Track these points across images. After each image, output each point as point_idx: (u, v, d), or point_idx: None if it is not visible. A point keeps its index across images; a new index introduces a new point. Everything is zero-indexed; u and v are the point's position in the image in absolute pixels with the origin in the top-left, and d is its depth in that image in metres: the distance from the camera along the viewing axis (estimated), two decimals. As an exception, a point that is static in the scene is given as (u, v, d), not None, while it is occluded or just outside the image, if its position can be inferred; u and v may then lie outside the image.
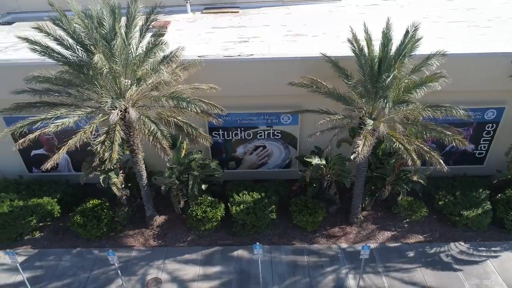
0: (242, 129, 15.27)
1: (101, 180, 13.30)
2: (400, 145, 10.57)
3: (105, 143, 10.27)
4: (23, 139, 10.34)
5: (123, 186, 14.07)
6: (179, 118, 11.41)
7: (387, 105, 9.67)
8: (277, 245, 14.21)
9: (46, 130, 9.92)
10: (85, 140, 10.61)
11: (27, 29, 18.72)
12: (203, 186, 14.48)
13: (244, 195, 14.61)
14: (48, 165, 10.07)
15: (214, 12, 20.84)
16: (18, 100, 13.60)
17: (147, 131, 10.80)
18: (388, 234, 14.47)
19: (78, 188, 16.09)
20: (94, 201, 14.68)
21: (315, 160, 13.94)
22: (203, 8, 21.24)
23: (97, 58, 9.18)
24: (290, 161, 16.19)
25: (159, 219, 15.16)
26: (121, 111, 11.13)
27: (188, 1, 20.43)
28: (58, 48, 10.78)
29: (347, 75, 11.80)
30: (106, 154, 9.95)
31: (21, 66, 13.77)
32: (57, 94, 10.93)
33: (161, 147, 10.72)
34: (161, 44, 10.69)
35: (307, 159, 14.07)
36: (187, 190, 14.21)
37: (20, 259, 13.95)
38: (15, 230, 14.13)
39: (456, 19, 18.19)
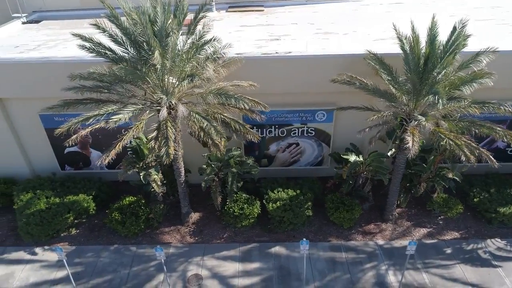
0: (276, 126, 15.33)
1: (141, 177, 13.36)
2: (450, 141, 10.62)
3: (159, 139, 10.31)
4: (76, 135, 10.40)
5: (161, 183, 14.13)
6: (226, 114, 11.46)
7: (440, 101, 9.71)
8: (314, 242, 14.24)
9: (106, 125, 9.90)
10: (135, 136, 10.67)
11: (54, 27, 19.00)
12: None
13: (279, 192, 14.68)
14: (106, 160, 10.17)
15: (239, 11, 20.92)
16: (53, 98, 13.76)
17: (197, 127, 10.84)
18: (423, 231, 14.52)
19: (111, 186, 16.21)
20: (130, 198, 14.74)
21: (353, 157, 14.00)
22: (228, 7, 21.32)
23: (157, 54, 9.25)
24: (322, 158, 16.25)
25: (194, 216, 15.22)
26: (167, 107, 11.19)
27: (213, 0, 20.48)
28: (112, 45, 10.83)
29: (391, 71, 11.86)
30: (162, 150, 10.02)
31: (56, 63, 13.91)
32: (106, 91, 10.97)
33: (213, 143, 10.77)
34: (214, 40, 10.76)
35: (344, 156, 14.13)
36: (223, 187, 14.29)
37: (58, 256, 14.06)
38: (53, 227, 14.18)
39: (483, 17, 18.25)
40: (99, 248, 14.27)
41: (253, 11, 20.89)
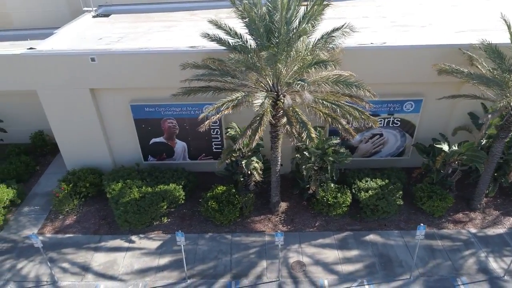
0: (363, 117, 15.47)
1: (243, 164, 13.52)
2: None
3: (293, 124, 10.48)
4: (207, 121, 10.61)
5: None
6: (343, 102, 11.60)
7: None
8: (406, 230, 14.44)
9: (255, 109, 9.97)
10: (266, 124, 10.86)
11: (126, 21, 19.19)
12: (328, 173, 14.70)
13: (367, 182, 14.88)
14: (253, 145, 10.40)
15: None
16: (145, 88, 14.23)
17: (322, 114, 11.01)
18: (513, 219, 14.72)
19: (196, 175, 16.41)
20: (221, 187, 14.91)
21: (446, 147, 14.17)
22: (290, 1, 21.43)
23: (303, 39, 9.42)
24: (404, 149, 16.40)
25: (283, 205, 15.39)
26: (284, 95, 11.37)
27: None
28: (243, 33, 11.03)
29: (503, 60, 12.03)
30: (303, 134, 10.21)
31: (154, 54, 14.11)
32: (229, 78, 11.17)
33: (344, 129, 10.94)
34: (345, 27, 10.95)
35: (438, 146, 14.30)
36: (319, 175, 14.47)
37: (156, 244, 14.26)
38: (149, 215, 14.36)
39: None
40: (194, 236, 14.44)
41: (316, 5, 21.01)
